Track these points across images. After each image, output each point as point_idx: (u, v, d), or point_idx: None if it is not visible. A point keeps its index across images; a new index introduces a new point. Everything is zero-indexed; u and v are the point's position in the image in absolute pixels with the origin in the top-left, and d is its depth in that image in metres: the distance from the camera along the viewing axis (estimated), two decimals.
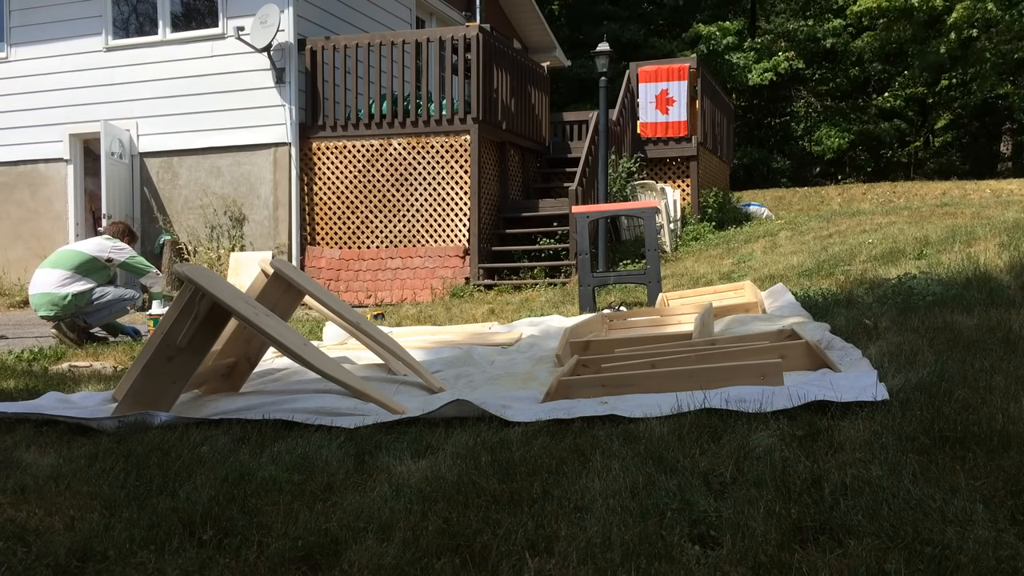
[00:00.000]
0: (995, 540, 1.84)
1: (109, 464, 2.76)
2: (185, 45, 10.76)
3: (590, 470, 2.45)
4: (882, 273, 5.99)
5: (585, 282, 6.75)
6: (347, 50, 10.30)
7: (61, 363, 5.25)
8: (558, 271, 9.62)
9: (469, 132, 9.88)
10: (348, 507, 2.29)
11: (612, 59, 10.04)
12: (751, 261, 8.56)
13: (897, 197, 18.28)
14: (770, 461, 2.36)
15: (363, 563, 1.96)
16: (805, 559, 1.84)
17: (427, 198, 10.09)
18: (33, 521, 2.31)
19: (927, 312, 4.26)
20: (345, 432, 3.07)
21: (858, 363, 3.53)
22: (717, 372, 3.37)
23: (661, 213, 10.24)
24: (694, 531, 2.02)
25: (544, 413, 3.10)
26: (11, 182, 11.62)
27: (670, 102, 12.03)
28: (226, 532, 2.16)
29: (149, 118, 10.88)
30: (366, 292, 9.98)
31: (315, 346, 3.93)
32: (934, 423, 2.52)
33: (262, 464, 2.70)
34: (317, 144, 10.44)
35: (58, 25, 11.21)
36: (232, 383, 4.09)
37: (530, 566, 1.92)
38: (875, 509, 2.02)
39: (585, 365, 3.91)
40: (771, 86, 25.36)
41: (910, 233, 7.90)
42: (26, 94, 11.39)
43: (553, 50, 17.23)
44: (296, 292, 4.30)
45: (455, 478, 2.44)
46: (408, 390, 4.01)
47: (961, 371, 3.08)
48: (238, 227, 10.59)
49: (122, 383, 3.94)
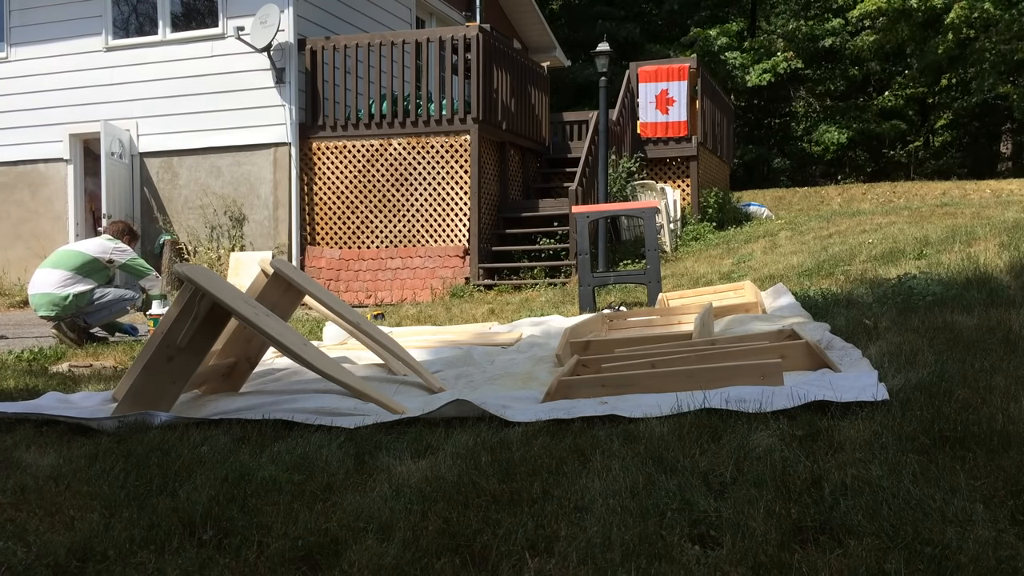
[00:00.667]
0: (995, 540, 1.84)
1: (109, 464, 2.76)
2: (185, 45, 10.76)
3: (590, 470, 2.45)
4: (882, 273, 5.99)
5: (585, 282, 6.75)
6: (347, 50, 10.30)
7: (61, 363, 5.24)
8: (558, 271, 9.62)
9: (469, 132, 9.88)
10: (348, 507, 2.29)
11: (612, 59, 10.04)
12: (751, 261, 8.56)
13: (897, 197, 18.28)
14: (770, 461, 2.36)
15: (363, 563, 1.96)
16: (805, 559, 1.84)
17: (427, 198, 10.09)
18: (33, 521, 2.31)
19: (927, 312, 4.26)
20: (345, 432, 3.07)
21: (858, 363, 3.53)
22: (717, 372, 3.37)
23: (661, 213, 10.24)
24: (694, 531, 2.02)
25: (544, 413, 3.10)
26: (11, 182, 11.62)
27: (670, 102, 12.03)
28: (226, 532, 2.16)
29: (149, 118, 10.88)
30: (366, 292, 9.98)
31: (315, 346, 3.93)
32: (934, 423, 2.52)
33: (262, 464, 2.70)
34: (317, 144, 10.44)
35: (58, 25, 11.21)
36: (232, 383, 4.09)
37: (530, 566, 1.92)
38: (875, 509, 2.02)
39: (585, 365, 3.91)
40: (770, 86, 25.37)
41: (910, 233, 7.90)
42: (26, 94, 11.39)
43: (553, 50, 17.23)
44: (296, 292, 4.30)
45: (455, 478, 2.44)
46: (408, 390, 4.01)
47: (961, 371, 3.07)
48: (238, 227, 10.59)
49: (122, 383, 3.94)
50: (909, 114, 28.03)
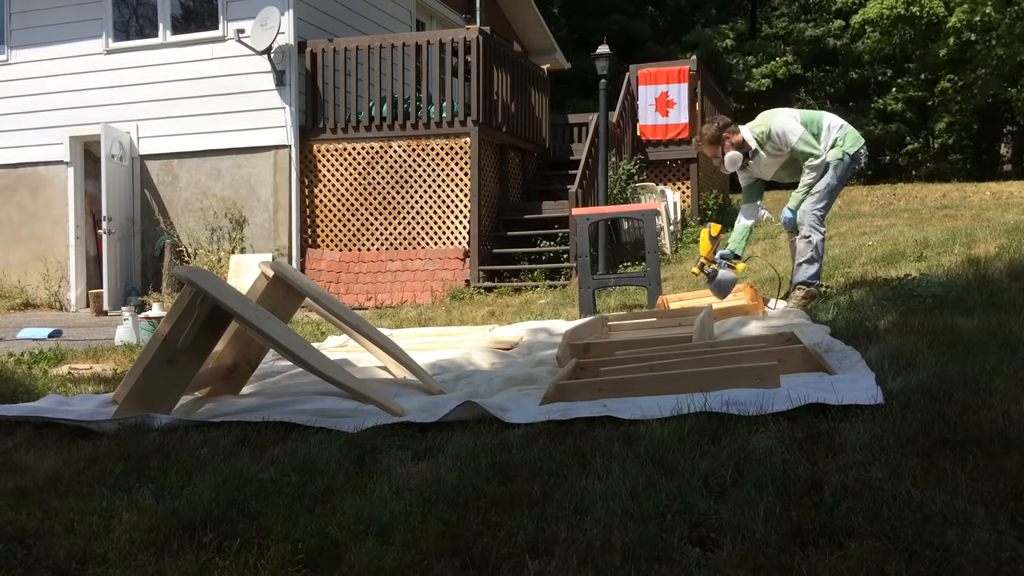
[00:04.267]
0: (996, 542, 1.84)
1: (109, 466, 2.76)
2: (185, 48, 10.76)
3: (590, 472, 2.45)
4: (882, 275, 5.99)
5: (585, 284, 6.74)
6: (347, 52, 10.30)
7: (61, 366, 5.24)
8: (558, 273, 9.62)
9: (469, 134, 9.88)
10: (348, 509, 2.29)
11: (612, 60, 10.04)
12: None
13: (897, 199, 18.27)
14: (770, 463, 2.36)
15: (363, 565, 1.96)
16: (805, 561, 1.83)
17: (427, 200, 10.09)
18: (33, 523, 2.31)
19: (927, 314, 4.26)
20: (345, 434, 3.07)
21: (857, 366, 3.53)
22: (714, 375, 3.37)
23: (661, 215, 10.24)
24: (694, 533, 2.02)
25: (543, 415, 3.10)
26: (11, 184, 11.62)
27: (670, 104, 12.03)
28: (226, 535, 2.16)
29: (149, 120, 10.88)
30: (366, 294, 9.98)
31: (315, 348, 3.93)
32: (934, 425, 2.52)
33: (262, 466, 2.69)
34: (317, 146, 10.44)
35: (58, 28, 11.21)
36: (232, 385, 4.09)
37: (530, 568, 1.92)
38: (875, 511, 2.02)
39: (584, 368, 3.91)
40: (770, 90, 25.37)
41: (910, 235, 7.90)
42: (26, 96, 11.38)
43: (553, 52, 17.24)
44: (296, 294, 4.31)
45: (455, 480, 2.44)
46: (408, 392, 4.01)
47: (961, 373, 3.07)
48: (238, 229, 10.59)
49: (122, 385, 3.94)
50: (909, 116, 28.03)
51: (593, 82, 10.76)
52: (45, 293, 11.31)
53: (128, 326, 6.93)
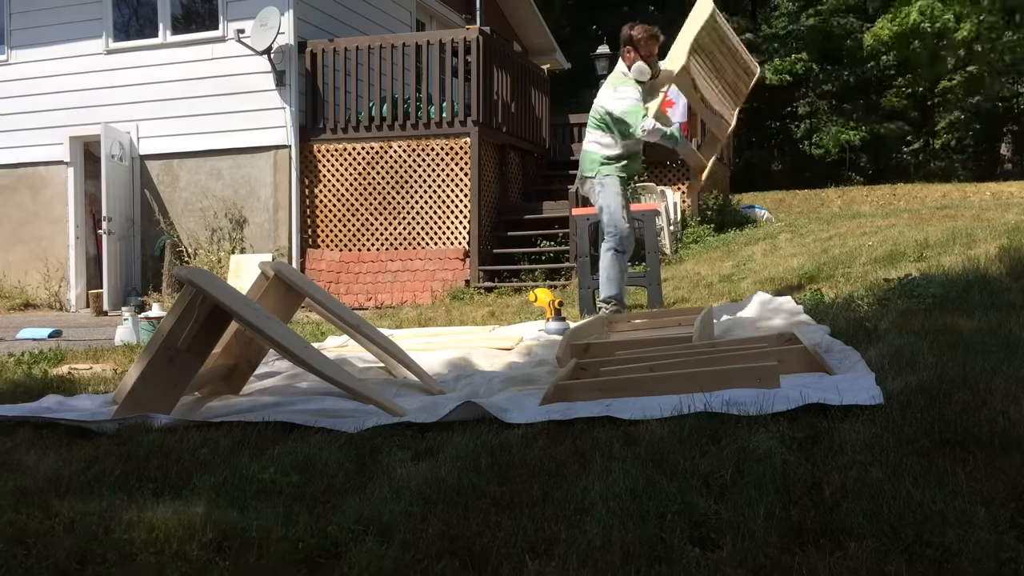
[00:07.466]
0: (996, 542, 1.84)
1: (109, 467, 2.76)
2: (185, 48, 10.77)
3: (590, 472, 2.45)
4: (882, 275, 5.99)
5: (585, 285, 6.74)
6: (347, 53, 10.31)
7: (61, 366, 5.24)
8: (558, 273, 9.62)
9: (469, 134, 9.88)
10: (348, 510, 2.29)
11: (612, 60, 10.04)
12: (751, 263, 8.55)
13: (897, 199, 18.28)
14: (770, 463, 2.36)
15: (363, 565, 1.96)
16: (805, 561, 1.83)
17: (427, 200, 10.09)
18: (33, 523, 2.30)
19: (927, 314, 4.25)
20: (345, 435, 3.07)
21: (857, 366, 3.53)
22: (714, 376, 3.37)
23: (661, 215, 10.23)
24: (694, 533, 2.02)
25: (543, 415, 3.10)
26: (11, 184, 11.62)
27: (669, 104, 12.01)
28: (225, 535, 2.16)
29: (149, 120, 10.89)
30: (366, 294, 9.98)
31: (316, 348, 3.93)
32: (935, 425, 2.52)
33: (262, 466, 2.69)
34: (317, 146, 10.44)
35: (58, 28, 11.22)
36: (232, 385, 4.09)
37: (530, 568, 1.92)
38: (875, 511, 2.02)
39: (584, 368, 3.91)
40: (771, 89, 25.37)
41: (910, 235, 7.89)
42: (26, 96, 11.39)
43: (553, 52, 17.24)
44: (296, 295, 4.30)
45: (455, 480, 2.44)
46: (408, 392, 4.01)
47: (962, 373, 3.07)
48: (238, 229, 10.59)
49: (122, 385, 3.93)
50: (911, 115, 28.03)
51: (593, 82, 10.76)
52: (45, 293, 11.32)
53: (128, 326, 6.93)
